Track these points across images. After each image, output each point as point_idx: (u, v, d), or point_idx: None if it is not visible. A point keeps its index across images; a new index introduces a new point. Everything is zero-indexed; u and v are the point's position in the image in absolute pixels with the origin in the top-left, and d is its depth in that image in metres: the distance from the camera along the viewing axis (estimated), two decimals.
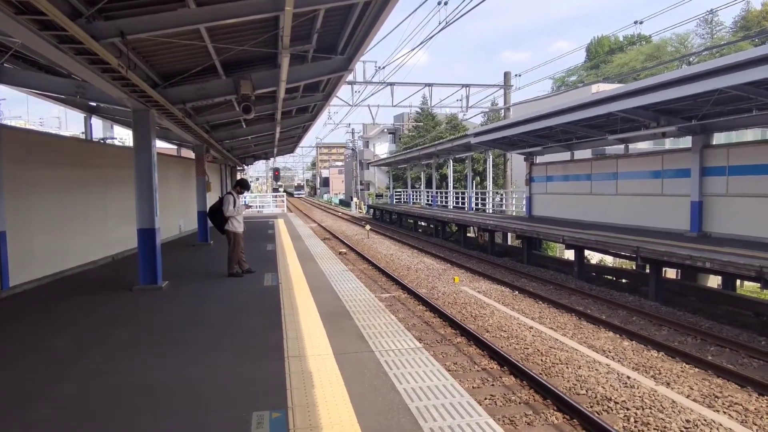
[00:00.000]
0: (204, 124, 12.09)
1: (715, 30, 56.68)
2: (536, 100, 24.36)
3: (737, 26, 53.94)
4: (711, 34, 56.72)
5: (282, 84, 7.94)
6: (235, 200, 8.82)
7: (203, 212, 13.94)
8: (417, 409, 3.49)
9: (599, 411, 5.51)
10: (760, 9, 51.71)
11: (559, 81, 58.51)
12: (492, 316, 9.48)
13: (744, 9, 53.28)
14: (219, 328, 5.73)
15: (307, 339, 5.12)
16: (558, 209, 18.49)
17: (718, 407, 5.54)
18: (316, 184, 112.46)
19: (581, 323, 9.01)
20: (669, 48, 54.57)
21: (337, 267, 9.76)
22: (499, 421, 5.29)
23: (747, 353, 7.27)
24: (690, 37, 56.67)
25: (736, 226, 11.41)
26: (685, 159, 12.77)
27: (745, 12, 53.47)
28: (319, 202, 79.07)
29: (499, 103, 26.16)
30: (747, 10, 52.97)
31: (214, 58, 7.39)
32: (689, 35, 56.55)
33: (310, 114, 14.51)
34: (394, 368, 4.27)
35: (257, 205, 34.21)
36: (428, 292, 11.56)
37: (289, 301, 6.81)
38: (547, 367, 6.86)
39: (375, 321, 5.82)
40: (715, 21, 55.73)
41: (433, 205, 32.48)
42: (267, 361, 4.52)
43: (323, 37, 7.63)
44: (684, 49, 53.79)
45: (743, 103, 10.27)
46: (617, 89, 12.10)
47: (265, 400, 3.70)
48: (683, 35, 56.00)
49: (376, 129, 60.54)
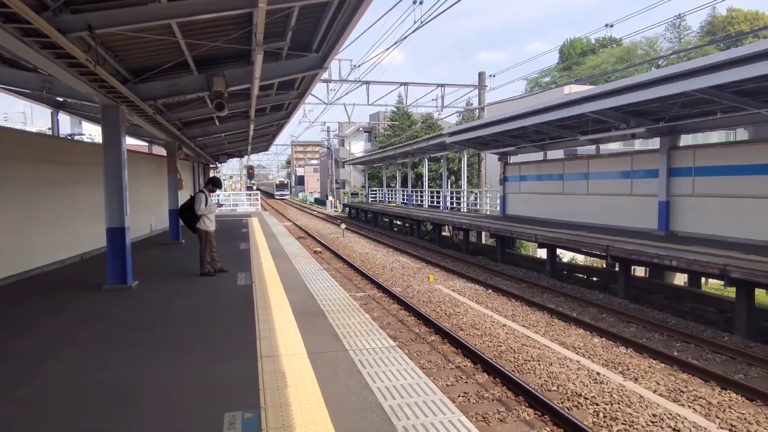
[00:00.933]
0: (176, 121, 11.87)
1: (683, 34, 58.29)
2: (510, 101, 24.67)
3: (704, 31, 55.58)
4: (679, 38, 58.30)
5: (256, 81, 7.84)
6: (206, 198, 8.69)
7: (175, 210, 13.70)
8: (391, 407, 3.50)
9: (569, 407, 5.61)
10: (725, 15, 53.35)
11: (532, 82, 59.38)
12: (466, 314, 9.56)
13: (710, 14, 54.97)
14: (190, 328, 5.64)
15: (280, 338, 5.08)
16: (531, 208, 18.77)
17: (683, 401, 5.71)
18: (291, 182, 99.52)
19: (553, 321, 9.17)
20: (639, 51, 55.88)
21: (312, 266, 9.71)
22: (472, 419, 5.35)
23: (711, 349, 7.50)
24: (659, 40, 58.23)
25: (701, 225, 11.77)
26: (654, 160, 13.10)
27: (711, 17, 55.13)
28: (294, 200, 78.64)
29: (473, 103, 26.38)
30: (713, 15, 54.63)
31: (186, 54, 7.25)
32: (658, 39, 58.10)
33: (285, 112, 14.38)
34: (368, 367, 4.27)
35: (231, 204, 33.79)
36: (403, 291, 11.60)
37: (262, 301, 6.75)
38: (520, 364, 6.96)
39: (349, 320, 5.81)
40: (682, 25, 57.34)
41: (409, 204, 32.59)
42: (240, 361, 4.47)
43: (298, 35, 7.57)
44: (653, 52, 55.17)
45: (708, 106, 10.59)
46: (589, 91, 12.33)
47: (238, 400, 3.66)
48: (652, 39, 57.49)
49: (352, 128, 60.48)
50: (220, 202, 29.20)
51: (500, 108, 24.07)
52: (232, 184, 73.36)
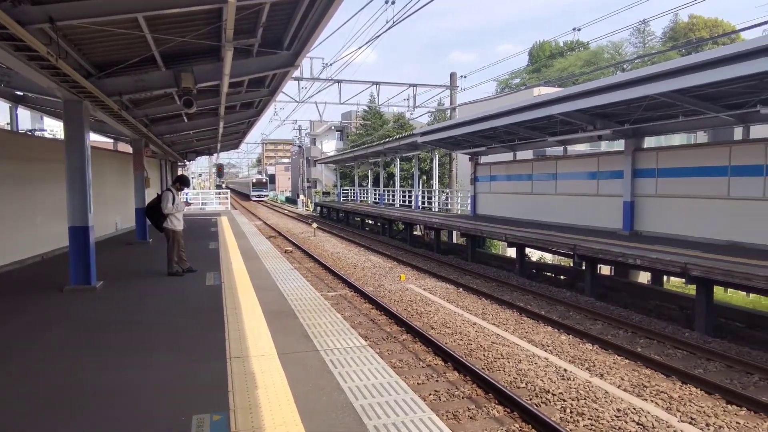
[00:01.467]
0: (143, 117, 11.58)
1: (647, 39, 60.01)
2: (481, 101, 24.95)
3: (666, 36, 57.33)
4: (643, 43, 60.00)
5: (225, 78, 7.72)
6: (174, 197, 8.52)
7: (141, 209, 13.36)
8: (362, 407, 3.50)
9: (538, 403, 5.71)
10: (687, 21, 55.15)
11: (503, 83, 60.20)
12: (437, 313, 9.63)
13: (672, 21, 56.71)
14: (157, 329, 5.52)
15: (250, 339, 5.02)
16: (501, 208, 19.02)
17: (646, 396, 5.88)
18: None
19: (522, 319, 9.32)
20: (605, 55, 57.26)
21: (283, 265, 9.62)
22: (442, 417, 5.39)
23: (672, 344, 7.75)
24: (624, 45, 59.78)
25: (664, 225, 12.14)
26: (619, 161, 13.45)
27: (673, 23, 56.89)
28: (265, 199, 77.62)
29: (445, 103, 26.59)
30: (675, 21, 56.38)
31: (153, 49, 7.09)
32: (623, 43, 59.65)
33: (255, 109, 14.21)
34: (339, 367, 4.26)
35: (200, 202, 33.20)
36: (375, 290, 11.61)
37: (232, 301, 6.65)
38: (490, 361, 7.04)
39: (320, 320, 5.77)
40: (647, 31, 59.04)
41: (381, 204, 32.63)
42: (208, 362, 4.39)
43: (269, 32, 7.48)
44: (619, 56, 56.64)
45: (671, 110, 10.93)
46: (557, 93, 12.58)
47: (206, 402, 3.59)
48: (618, 43, 59.00)
49: (324, 126, 60.16)
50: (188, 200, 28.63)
51: (472, 108, 24.32)
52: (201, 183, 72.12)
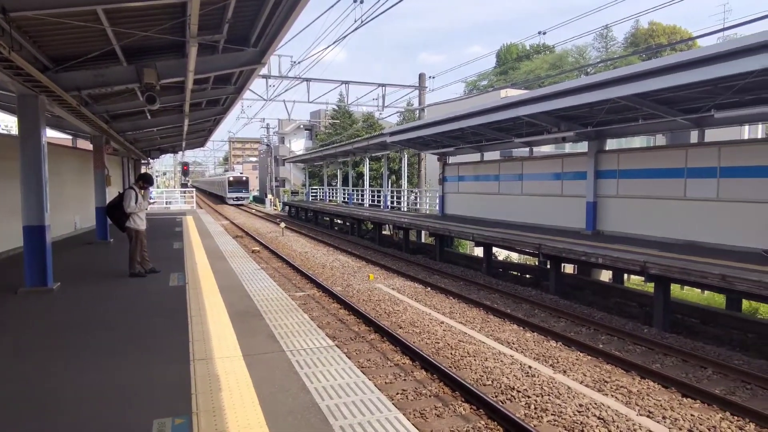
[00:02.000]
0: (103, 113, 11.23)
1: (610, 44, 61.72)
2: (450, 102, 25.18)
3: (628, 42, 59.10)
4: (606, 47, 61.68)
5: (190, 74, 7.56)
6: (137, 196, 8.29)
7: (102, 208, 12.95)
8: (328, 407, 3.48)
9: (503, 400, 5.80)
10: (647, 28, 56.98)
11: (471, 84, 60.93)
12: (405, 312, 9.67)
13: (633, 27, 58.54)
14: (117, 332, 5.35)
15: (215, 341, 4.93)
16: (469, 208, 19.24)
17: (606, 391, 6.04)
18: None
19: (488, 317, 9.44)
20: (570, 58, 58.64)
21: (250, 266, 9.48)
22: (410, 415, 5.42)
23: (632, 341, 7.99)
24: (588, 49, 61.32)
25: (625, 225, 12.51)
26: (582, 162, 13.78)
27: (634, 29, 58.71)
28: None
29: (414, 104, 26.73)
30: (636, 27, 58.20)
31: (114, 43, 6.87)
32: (587, 48, 61.19)
33: (222, 107, 13.96)
34: (306, 368, 4.22)
35: (164, 201, 32.43)
36: (343, 290, 11.57)
37: (196, 302, 6.51)
38: (456, 360, 7.11)
39: (287, 320, 5.72)
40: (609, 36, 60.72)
41: (350, 203, 32.55)
42: (170, 365, 4.29)
43: (235, 28, 7.36)
44: (583, 60, 58.07)
45: (632, 113, 11.27)
46: (523, 95, 12.80)
47: (168, 406, 3.51)
48: (582, 47, 60.51)
49: (292, 125, 59.61)
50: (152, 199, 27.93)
51: (440, 109, 24.52)
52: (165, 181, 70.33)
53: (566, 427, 5.14)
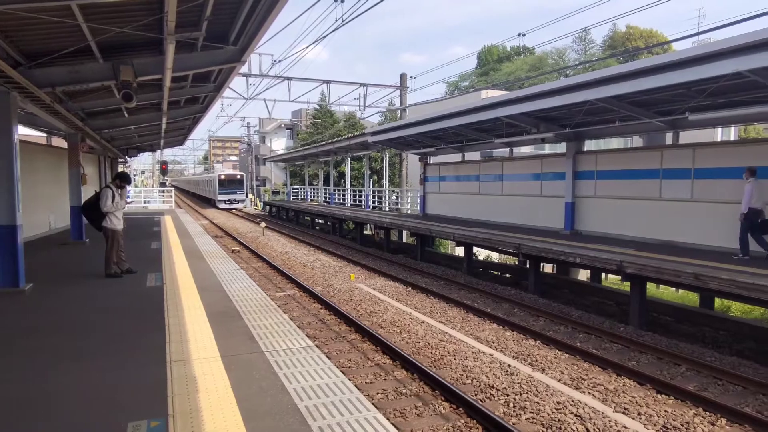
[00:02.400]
0: (79, 110, 11.01)
1: (588, 47, 62.58)
2: (431, 103, 25.27)
3: (606, 45, 60.01)
4: (585, 50, 62.53)
5: (168, 72, 7.45)
6: (113, 194, 8.14)
7: (77, 207, 12.70)
8: (306, 408, 3.46)
9: (482, 398, 5.84)
10: (624, 31, 57.94)
11: (452, 85, 61.20)
12: (386, 312, 9.67)
13: (611, 30, 59.44)
14: (92, 334, 5.25)
15: (192, 342, 4.87)
16: (450, 208, 19.34)
17: (584, 389, 6.13)
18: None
19: (469, 316, 9.50)
20: (550, 60, 59.28)
21: (229, 266, 9.39)
22: (390, 415, 5.42)
23: (609, 339, 8.12)
24: (567, 51, 62.08)
25: (603, 224, 12.71)
26: (561, 163, 13.96)
27: (612, 33, 59.62)
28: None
29: (395, 104, 26.76)
30: (614, 31, 59.11)
31: (89, 39, 6.73)
32: (566, 50, 61.94)
33: (201, 105, 13.79)
34: (285, 368, 4.20)
35: (142, 200, 31.93)
36: (324, 290, 11.53)
37: (173, 303, 6.43)
38: (437, 359, 7.14)
39: (267, 321, 5.68)
40: (588, 39, 61.56)
41: (331, 203, 32.46)
42: (146, 367, 4.22)
43: (214, 26, 7.27)
44: (562, 62, 58.77)
45: (609, 115, 11.45)
46: (503, 96, 12.91)
47: (143, 408, 3.45)
48: (561, 49, 61.21)
49: (273, 124, 59.21)
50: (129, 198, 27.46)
51: (422, 109, 24.60)
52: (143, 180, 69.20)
53: (544, 425, 5.20)
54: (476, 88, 42.75)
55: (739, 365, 6.98)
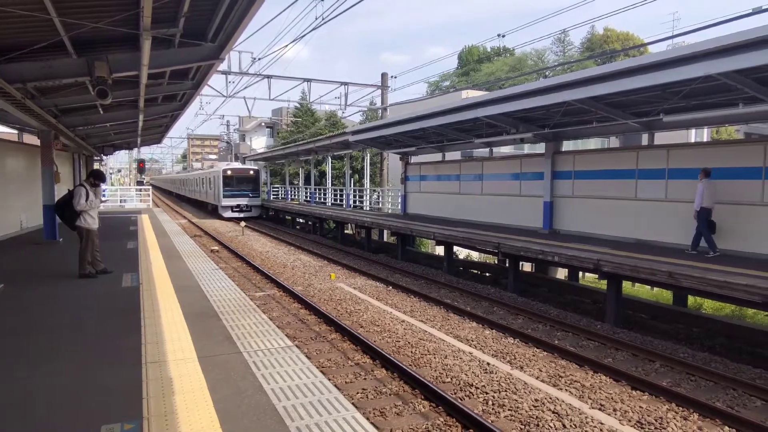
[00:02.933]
0: (52, 107, 10.74)
1: (567, 49, 63.41)
2: (412, 102, 25.31)
3: (584, 47, 60.87)
4: (563, 51, 63.34)
5: (144, 68, 7.33)
6: (87, 193, 7.97)
7: (50, 206, 12.40)
8: (284, 408, 3.44)
9: (462, 396, 5.88)
10: (602, 33, 58.86)
11: (433, 85, 61.44)
12: (366, 311, 9.66)
13: (589, 32, 60.35)
14: (65, 335, 5.13)
15: (168, 343, 4.79)
16: (431, 207, 19.40)
17: (561, 386, 6.21)
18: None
19: (449, 315, 9.55)
20: (529, 61, 59.91)
21: (207, 265, 9.27)
22: (369, 414, 5.41)
23: (586, 336, 8.24)
24: (546, 53, 62.83)
25: (580, 224, 12.89)
26: (540, 163, 14.12)
27: (590, 35, 60.53)
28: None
29: (377, 103, 26.73)
30: (592, 33, 60.02)
31: (62, 34, 6.58)
32: (546, 51, 62.69)
33: (179, 103, 13.60)
34: (263, 369, 4.16)
35: (119, 199, 31.35)
36: (304, 290, 11.47)
37: (150, 303, 6.32)
38: (417, 358, 7.16)
39: (245, 321, 5.62)
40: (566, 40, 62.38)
41: (312, 202, 32.29)
42: (121, 368, 4.14)
43: (192, 22, 7.17)
44: (541, 63, 59.44)
45: (587, 116, 11.61)
46: (483, 96, 13.00)
47: (117, 411, 3.39)
48: (541, 51, 61.93)
49: (253, 122, 58.71)
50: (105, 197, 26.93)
51: (403, 109, 24.62)
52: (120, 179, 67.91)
53: (522, 422, 5.25)
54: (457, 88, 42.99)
55: (710, 361, 7.16)
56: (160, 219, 19.88)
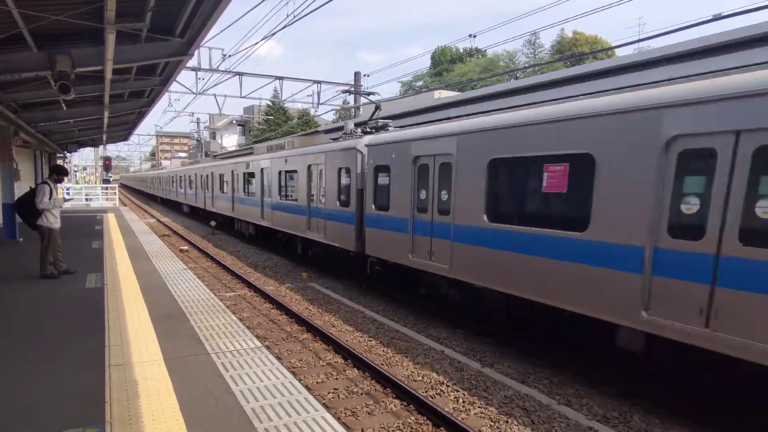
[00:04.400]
0: (11, 102, 10.37)
1: (537, 51, 64.51)
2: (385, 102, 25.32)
3: (554, 49, 62.04)
4: (534, 53, 64.41)
5: (109, 63, 7.13)
6: (51, 191, 7.72)
7: (9, 205, 11.97)
8: (253, 410, 3.39)
9: (433, 395, 5.91)
10: (571, 36, 60.11)
11: (406, 85, 61.71)
12: (339, 310, 9.63)
13: (559, 35, 61.58)
14: (25, 338, 4.96)
15: (134, 345, 4.68)
16: None
17: (530, 382, 6.30)
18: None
19: (421, 314, 9.57)
20: (501, 63, 60.73)
21: (176, 266, 9.09)
22: (341, 414, 5.39)
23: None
24: (517, 54, 63.81)
25: None
26: None
27: (560, 38, 61.73)
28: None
29: (350, 102, 26.69)
30: (561, 36, 61.24)
31: (21, 26, 6.35)
32: (517, 53, 63.66)
33: (146, 99, 13.29)
34: (232, 370, 4.10)
35: (84, 198, 30.50)
36: (275, 290, 11.35)
37: (115, 304, 6.16)
38: (389, 357, 7.17)
39: (214, 321, 5.53)
40: (537, 42, 63.45)
41: None
42: (83, 372, 4.03)
43: (159, 17, 7.01)
44: (513, 64, 60.32)
45: None
46: (455, 96, 13.11)
47: (79, 415, 3.29)
48: (512, 52, 62.85)
49: (224, 120, 57.89)
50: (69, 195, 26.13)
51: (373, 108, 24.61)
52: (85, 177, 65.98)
53: (492, 419, 5.31)
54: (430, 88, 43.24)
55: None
56: (127, 218, 19.42)
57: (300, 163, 13.14)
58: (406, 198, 8.68)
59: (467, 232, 7.29)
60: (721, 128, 4.43)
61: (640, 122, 5.04)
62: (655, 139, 4.89)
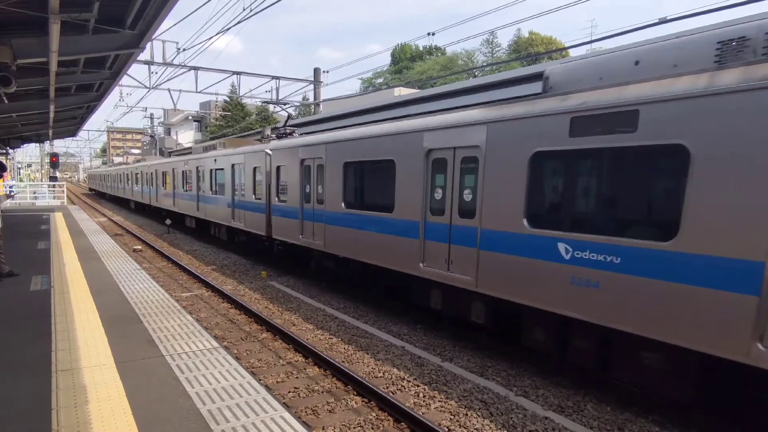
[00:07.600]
0: None
1: (495, 50, 65.66)
2: (344, 99, 25.23)
3: (511, 49, 63.30)
4: (492, 53, 65.52)
5: (53, 55, 6.80)
6: None
7: None
8: (209, 411, 3.32)
9: (394, 390, 5.94)
10: (527, 37, 61.48)
11: (366, 82, 61.64)
12: (299, 309, 9.54)
13: (516, 35, 62.92)
14: None
15: (83, 349, 4.49)
16: None
17: (488, 375, 6.42)
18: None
19: (382, 311, 9.60)
20: (460, 61, 61.48)
21: (129, 266, 8.79)
22: (301, 413, 5.35)
23: None
24: (476, 53, 64.76)
25: None
26: None
27: (516, 38, 63.05)
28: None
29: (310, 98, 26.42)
30: (518, 36, 62.58)
31: None
32: (475, 52, 64.61)
33: (96, 93, 12.77)
34: (187, 372, 4.00)
35: (29, 196, 29.05)
36: (234, 289, 11.14)
37: (62, 307, 5.90)
38: (350, 354, 7.15)
39: (169, 323, 5.38)
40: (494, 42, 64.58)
41: None
42: (27, 378, 3.84)
43: (108, 8, 6.74)
44: (471, 63, 61.18)
45: None
46: (415, 94, 13.19)
47: (21, 425, 3.13)
48: (470, 51, 63.75)
49: (180, 115, 56.30)
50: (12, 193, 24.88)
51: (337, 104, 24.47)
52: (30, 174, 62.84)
53: (452, 412, 5.38)
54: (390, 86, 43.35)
55: None
56: (76, 217, 18.62)
57: (226, 162, 14.94)
58: (296, 191, 10.94)
59: (334, 216, 9.61)
60: (447, 145, 6.98)
61: (415, 140, 7.50)
62: (422, 150, 7.33)
